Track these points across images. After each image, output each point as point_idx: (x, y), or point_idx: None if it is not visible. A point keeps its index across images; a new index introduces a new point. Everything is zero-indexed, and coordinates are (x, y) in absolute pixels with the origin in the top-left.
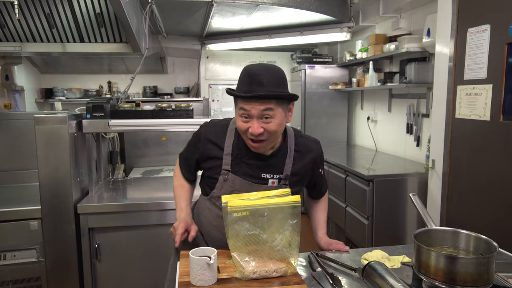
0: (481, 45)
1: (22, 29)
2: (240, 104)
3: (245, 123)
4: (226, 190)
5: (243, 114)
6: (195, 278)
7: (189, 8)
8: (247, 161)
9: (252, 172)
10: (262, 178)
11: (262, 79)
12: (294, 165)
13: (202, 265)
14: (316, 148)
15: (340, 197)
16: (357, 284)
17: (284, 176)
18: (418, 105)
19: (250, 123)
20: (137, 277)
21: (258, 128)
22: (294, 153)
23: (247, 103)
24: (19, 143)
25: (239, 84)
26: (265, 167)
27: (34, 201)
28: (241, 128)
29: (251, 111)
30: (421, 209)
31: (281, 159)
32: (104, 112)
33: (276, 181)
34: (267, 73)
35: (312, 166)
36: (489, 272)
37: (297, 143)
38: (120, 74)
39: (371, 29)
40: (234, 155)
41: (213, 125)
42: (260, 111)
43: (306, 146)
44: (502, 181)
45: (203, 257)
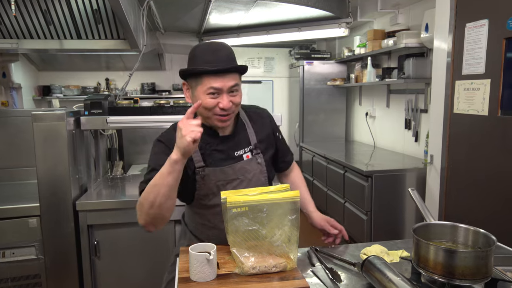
0: (479, 40)
1: (19, 25)
2: (208, 83)
3: (213, 99)
4: (209, 184)
5: (212, 92)
6: (195, 274)
7: (187, 4)
8: (216, 147)
9: (225, 156)
10: (236, 157)
11: (223, 55)
12: (257, 133)
13: (202, 261)
14: (265, 113)
15: (339, 193)
16: (356, 278)
17: (253, 146)
18: (416, 101)
19: (219, 99)
20: (136, 273)
21: (228, 103)
22: (251, 123)
23: (216, 80)
24: (16, 141)
25: (198, 63)
26: (234, 146)
27: (33, 199)
28: (210, 106)
29: (222, 88)
30: (420, 204)
31: (244, 133)
32: (102, 109)
33: (249, 154)
34: (225, 49)
35: (271, 129)
36: (487, 265)
37: (248, 115)
38: (117, 71)
39: (369, 24)
40: (203, 149)
41: (170, 130)
42: (230, 86)
43: (257, 114)
44: (500, 176)
45: (202, 253)
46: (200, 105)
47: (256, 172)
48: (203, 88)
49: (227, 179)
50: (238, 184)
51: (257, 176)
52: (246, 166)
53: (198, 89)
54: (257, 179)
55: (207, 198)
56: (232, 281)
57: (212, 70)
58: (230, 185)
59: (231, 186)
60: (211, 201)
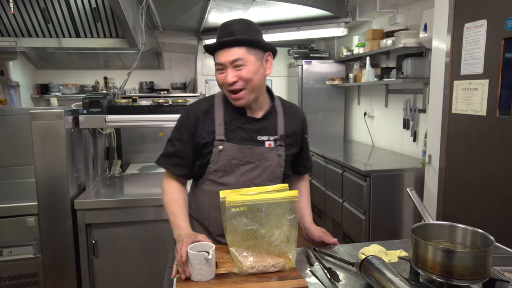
0: (477, 40)
1: (17, 24)
2: (216, 59)
3: (221, 74)
4: (223, 160)
5: (219, 68)
6: (194, 274)
7: (186, 3)
8: (241, 125)
9: (248, 136)
10: (258, 141)
11: (233, 28)
12: (286, 126)
13: (201, 261)
14: (301, 112)
15: (337, 192)
16: (354, 278)
17: (279, 137)
18: (414, 101)
19: (225, 73)
20: (134, 272)
21: (232, 77)
22: (283, 115)
23: (220, 55)
24: (15, 139)
25: (218, 33)
26: (259, 130)
27: (31, 197)
28: (219, 81)
29: (224, 62)
30: (418, 204)
31: (273, 121)
32: (100, 108)
33: (272, 143)
34: (238, 23)
35: (302, 129)
36: (485, 265)
37: (284, 106)
38: (116, 69)
39: (368, 24)
40: (227, 123)
41: (198, 102)
42: (231, 59)
43: (293, 109)
44: (498, 176)
45: (201, 252)
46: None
47: (274, 163)
48: (215, 64)
49: (243, 159)
50: (252, 168)
51: (273, 167)
52: (266, 153)
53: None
54: (273, 170)
55: (217, 174)
56: (231, 281)
57: (210, 45)
58: (243, 167)
59: (245, 168)
60: (221, 178)
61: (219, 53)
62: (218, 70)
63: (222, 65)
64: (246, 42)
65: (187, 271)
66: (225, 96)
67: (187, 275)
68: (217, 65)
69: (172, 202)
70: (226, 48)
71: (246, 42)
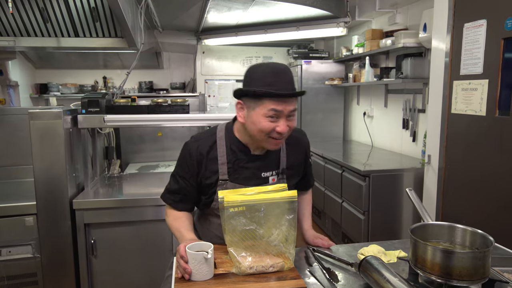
0: (477, 40)
1: (16, 23)
2: (270, 105)
3: (272, 122)
4: None
5: (273, 115)
6: (193, 273)
7: (185, 3)
8: (245, 165)
9: (252, 174)
10: (262, 178)
11: (288, 78)
12: (288, 158)
13: (200, 260)
14: (304, 140)
15: (336, 193)
16: (353, 278)
17: (281, 170)
18: (414, 101)
19: (277, 122)
20: (133, 272)
21: (286, 127)
22: (286, 146)
23: (278, 103)
24: (13, 139)
25: (261, 84)
26: (262, 166)
27: (29, 197)
28: (267, 129)
29: (283, 111)
30: (418, 204)
31: (276, 155)
32: (99, 107)
33: (275, 177)
34: (287, 72)
35: (304, 157)
36: (485, 266)
37: (287, 138)
38: (115, 69)
39: (368, 24)
40: (231, 163)
41: (200, 139)
42: (290, 110)
43: (295, 139)
44: (498, 176)
45: (200, 252)
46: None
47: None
48: (262, 110)
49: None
50: None
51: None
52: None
53: (257, 110)
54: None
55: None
56: (229, 281)
57: (276, 94)
58: None
59: None
60: None
61: (274, 101)
62: (269, 118)
63: (277, 113)
64: (302, 95)
65: (188, 269)
66: (227, 132)
67: (188, 272)
68: (271, 111)
69: (175, 220)
70: (285, 98)
71: (301, 95)
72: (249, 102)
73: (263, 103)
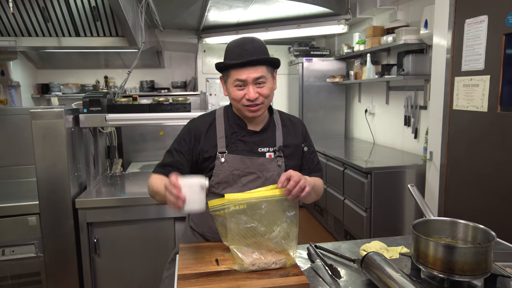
0: (478, 36)
1: (17, 23)
2: (235, 76)
3: (240, 91)
4: (225, 172)
5: (238, 84)
6: (187, 202)
7: (185, 1)
8: (242, 138)
9: (249, 148)
10: (259, 152)
11: (249, 47)
12: (285, 137)
13: (195, 188)
14: (300, 123)
15: (338, 190)
16: (356, 275)
17: (277, 148)
18: (415, 97)
19: (245, 90)
20: (136, 271)
21: (254, 93)
22: (282, 127)
23: (241, 72)
24: (15, 139)
25: (228, 57)
26: (259, 142)
27: (32, 197)
28: (237, 97)
29: (246, 79)
30: (420, 200)
31: (272, 133)
32: (101, 107)
33: (272, 154)
34: (251, 42)
35: (302, 139)
36: (487, 261)
37: (282, 119)
38: (116, 68)
39: (369, 21)
40: (229, 137)
41: (199, 117)
42: (254, 78)
43: (291, 121)
44: (500, 172)
45: (196, 179)
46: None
47: (275, 174)
48: (231, 80)
49: (244, 170)
50: (254, 179)
51: (274, 178)
52: (267, 164)
53: (228, 82)
54: (274, 181)
55: (220, 186)
56: (232, 278)
57: (234, 63)
58: (245, 178)
59: (247, 179)
60: (224, 190)
61: (239, 70)
62: (237, 86)
63: (242, 82)
64: (266, 61)
65: (181, 196)
66: (227, 111)
67: (182, 198)
68: (237, 81)
69: (155, 179)
70: (249, 67)
71: (266, 62)
72: (224, 76)
73: (230, 74)
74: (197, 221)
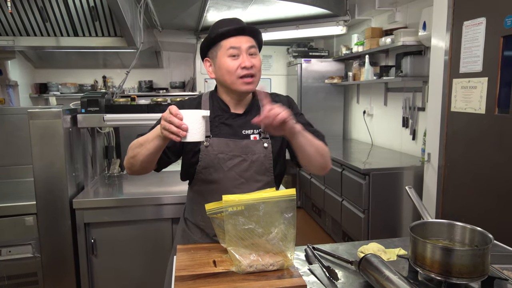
0: (476, 38)
1: (15, 22)
2: (228, 44)
3: (235, 61)
4: (210, 156)
5: (232, 54)
6: (194, 133)
7: (184, 2)
8: (225, 121)
9: (233, 131)
10: (243, 135)
11: (237, 21)
12: None
13: (197, 118)
14: (285, 99)
15: (336, 191)
16: (353, 276)
17: (262, 129)
18: (414, 99)
19: (240, 59)
20: (134, 271)
21: (250, 61)
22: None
23: (236, 40)
24: (13, 139)
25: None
26: (243, 124)
27: (29, 197)
28: (232, 67)
29: (241, 47)
30: (417, 202)
31: (256, 114)
32: (99, 107)
33: (257, 136)
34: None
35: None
36: (484, 263)
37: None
38: (115, 68)
39: (367, 22)
40: (212, 121)
41: (186, 100)
42: (248, 46)
43: (275, 100)
44: (497, 174)
45: (197, 110)
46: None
47: (261, 155)
48: (223, 51)
49: (229, 153)
50: (239, 162)
51: (261, 160)
52: (252, 146)
53: (219, 55)
54: (261, 163)
55: (207, 171)
56: (229, 279)
57: (227, 30)
58: (231, 162)
59: (232, 162)
60: (210, 175)
61: (233, 38)
62: (231, 57)
63: (237, 50)
64: (255, 35)
65: (184, 125)
66: (212, 95)
67: (184, 128)
68: (231, 49)
69: (138, 139)
70: (241, 36)
71: (254, 35)
72: (212, 53)
73: (222, 45)
74: (191, 211)
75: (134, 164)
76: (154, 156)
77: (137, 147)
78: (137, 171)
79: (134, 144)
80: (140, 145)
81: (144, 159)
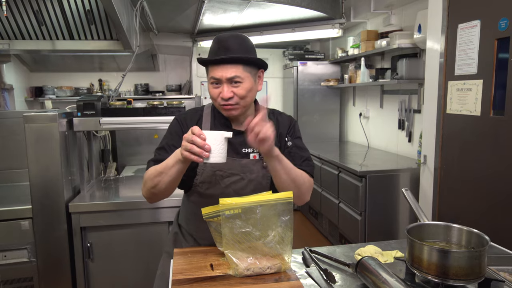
0: (471, 40)
1: (10, 26)
2: (210, 73)
3: (216, 89)
4: (208, 172)
5: (214, 82)
6: (216, 155)
7: (180, 5)
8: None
9: (233, 148)
10: (242, 153)
11: (229, 44)
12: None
13: (220, 140)
14: (289, 119)
15: (333, 193)
16: (350, 279)
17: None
18: (409, 101)
19: (220, 88)
20: (130, 275)
21: (228, 92)
22: None
23: (216, 70)
24: (8, 142)
25: (209, 52)
26: (244, 142)
27: (25, 201)
28: (213, 95)
29: (221, 78)
30: (414, 204)
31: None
32: (95, 110)
33: (257, 155)
34: (234, 39)
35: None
36: (481, 265)
37: (270, 118)
38: (111, 72)
39: (363, 25)
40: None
41: (188, 112)
42: (227, 77)
43: (278, 119)
44: (493, 176)
45: (220, 131)
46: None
47: (259, 175)
48: (208, 76)
49: (227, 171)
50: (237, 180)
51: (259, 180)
52: (251, 165)
53: (208, 79)
54: (258, 182)
55: (204, 186)
56: (227, 283)
57: (206, 60)
58: (228, 179)
59: (230, 180)
60: (208, 190)
61: (214, 68)
62: (213, 84)
63: (216, 80)
64: (244, 60)
65: (207, 146)
66: (214, 109)
67: (207, 149)
68: (212, 79)
69: (155, 167)
70: (223, 65)
71: (243, 61)
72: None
73: (208, 71)
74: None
75: (156, 194)
76: (177, 180)
77: (156, 176)
78: (160, 199)
79: (153, 174)
80: (159, 173)
81: (167, 186)
